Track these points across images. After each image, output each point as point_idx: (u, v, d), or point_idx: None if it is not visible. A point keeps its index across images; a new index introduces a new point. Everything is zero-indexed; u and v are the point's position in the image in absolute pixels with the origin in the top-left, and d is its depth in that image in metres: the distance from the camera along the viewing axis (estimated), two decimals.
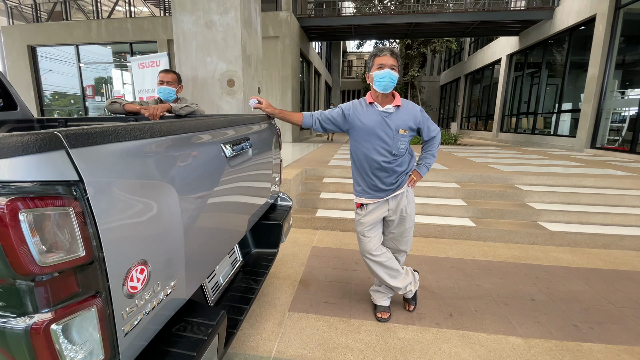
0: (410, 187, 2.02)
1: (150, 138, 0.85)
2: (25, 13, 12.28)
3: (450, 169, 4.81)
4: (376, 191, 1.95)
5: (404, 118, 1.88)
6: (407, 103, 1.94)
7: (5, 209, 0.51)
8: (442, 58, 22.97)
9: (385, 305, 2.15)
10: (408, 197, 2.00)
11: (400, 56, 1.92)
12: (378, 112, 1.86)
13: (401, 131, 1.86)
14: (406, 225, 2.01)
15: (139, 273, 0.79)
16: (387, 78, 1.77)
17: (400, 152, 1.88)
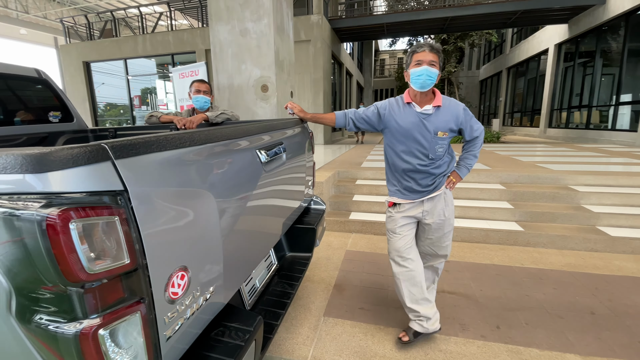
0: (449, 189, 1.90)
1: (190, 147, 0.87)
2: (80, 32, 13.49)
3: (494, 169, 4.52)
4: (411, 192, 1.86)
5: (445, 119, 1.75)
6: (449, 101, 1.80)
7: (57, 219, 0.54)
8: (482, 51, 21.83)
9: None
10: (446, 199, 1.87)
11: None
12: (416, 114, 1.75)
13: (440, 134, 1.74)
14: (445, 230, 1.89)
15: (179, 279, 0.81)
16: (424, 75, 1.65)
17: (438, 155, 1.78)
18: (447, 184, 1.88)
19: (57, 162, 0.56)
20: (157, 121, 2.45)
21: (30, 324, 0.61)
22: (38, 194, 0.56)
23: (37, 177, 0.55)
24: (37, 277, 0.58)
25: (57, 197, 0.56)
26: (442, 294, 2.38)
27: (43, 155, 0.55)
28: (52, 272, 0.56)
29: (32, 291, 0.60)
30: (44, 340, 0.62)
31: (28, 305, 0.61)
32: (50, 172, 0.56)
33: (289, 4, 4.72)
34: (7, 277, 0.59)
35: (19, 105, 2.39)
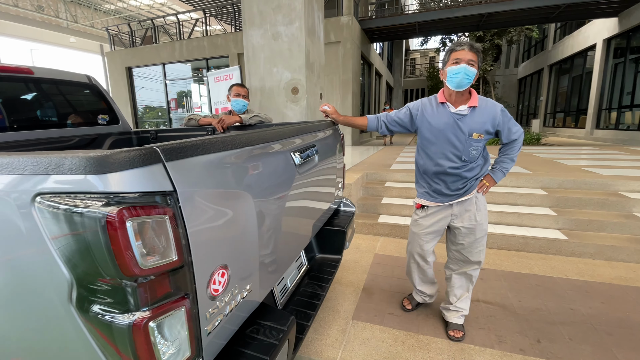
0: (482, 193, 1.84)
1: (231, 149, 0.90)
2: (124, 39, 14.42)
3: (535, 173, 4.27)
4: (439, 195, 1.82)
5: (481, 120, 1.68)
6: (486, 102, 1.72)
7: (116, 217, 0.58)
8: (521, 48, 20.70)
9: (458, 323, 1.98)
10: (478, 204, 1.81)
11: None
12: (450, 114, 1.70)
13: (475, 135, 1.67)
14: (477, 235, 1.82)
15: (220, 276, 0.84)
16: (461, 74, 1.58)
17: (472, 157, 1.71)
18: (479, 188, 1.81)
19: (115, 164, 0.60)
20: (196, 124, 2.57)
21: (88, 313, 0.66)
22: (99, 194, 0.60)
23: (99, 177, 0.60)
24: (96, 270, 0.62)
25: (115, 196, 0.60)
26: (477, 303, 2.29)
27: (104, 157, 0.59)
28: (110, 266, 0.60)
29: (90, 283, 0.64)
30: (99, 329, 0.66)
31: (86, 295, 0.66)
32: (109, 174, 0.60)
33: (320, 6, 4.75)
34: (70, 269, 0.64)
35: (72, 108, 2.59)
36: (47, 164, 0.63)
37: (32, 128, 2.25)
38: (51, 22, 19.31)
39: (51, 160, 0.62)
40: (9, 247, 0.71)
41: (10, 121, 2.15)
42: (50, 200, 0.63)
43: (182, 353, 0.74)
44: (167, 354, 0.70)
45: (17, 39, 19.07)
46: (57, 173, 0.62)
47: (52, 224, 0.63)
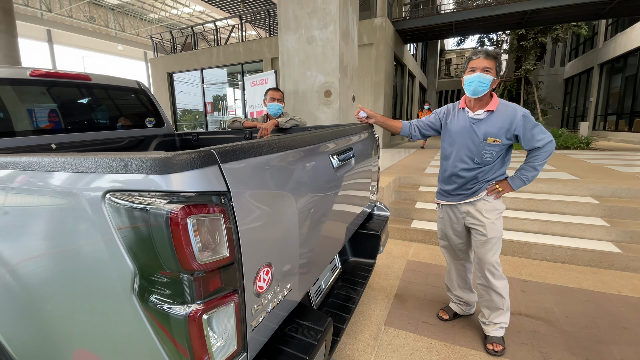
0: (494, 197, 1.81)
1: (277, 152, 0.94)
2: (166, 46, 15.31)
3: (584, 180, 3.97)
4: (450, 195, 1.93)
5: (497, 125, 1.70)
6: (506, 107, 1.72)
7: (178, 214, 0.63)
8: (567, 46, 19.36)
9: (497, 336, 1.89)
10: (486, 206, 1.81)
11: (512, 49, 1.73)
12: (467, 118, 1.79)
13: (490, 140, 1.71)
14: (488, 235, 1.81)
15: (265, 274, 0.87)
16: (475, 82, 1.68)
17: (485, 161, 1.76)
18: (489, 191, 1.81)
19: (178, 165, 0.65)
20: (240, 126, 2.66)
21: (148, 303, 0.71)
22: (162, 192, 0.65)
23: (163, 177, 0.65)
24: (158, 263, 0.67)
25: (177, 195, 0.65)
26: (519, 316, 2.17)
27: (168, 159, 0.64)
28: (171, 259, 0.65)
29: (151, 275, 0.69)
30: (157, 319, 0.71)
31: (147, 286, 0.71)
32: (172, 174, 0.65)
33: (354, 9, 4.76)
34: (134, 261, 0.70)
35: (123, 112, 2.80)
36: (117, 164, 0.69)
37: (88, 130, 2.45)
38: (101, 32, 20.96)
39: (121, 161, 0.68)
40: (79, 239, 0.78)
41: (67, 123, 2.35)
42: (118, 197, 0.69)
43: (230, 346, 0.77)
44: (216, 346, 0.74)
45: (71, 48, 20.89)
46: (126, 172, 0.68)
47: (120, 219, 0.69)
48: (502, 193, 1.82)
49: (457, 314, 2.15)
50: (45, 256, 0.86)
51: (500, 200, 1.86)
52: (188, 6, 19.99)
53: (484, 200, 1.82)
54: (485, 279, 1.86)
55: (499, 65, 1.71)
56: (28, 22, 16.90)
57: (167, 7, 20.22)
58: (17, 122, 2.05)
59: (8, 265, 0.94)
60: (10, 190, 0.91)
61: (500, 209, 1.84)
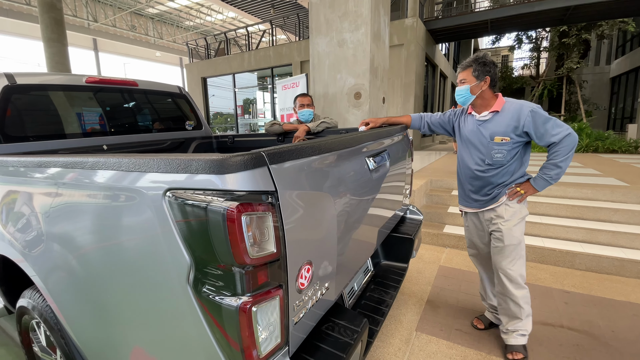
0: (517, 201, 1.74)
1: (318, 154, 0.97)
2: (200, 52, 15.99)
3: (633, 186, 3.68)
4: (470, 200, 1.90)
5: (503, 123, 1.68)
6: (511, 105, 1.70)
7: (234, 211, 0.67)
8: (614, 43, 18.01)
9: (516, 344, 1.82)
10: (507, 211, 1.74)
11: (553, 47, 1.66)
12: (474, 121, 1.82)
13: (497, 139, 1.69)
14: (505, 242, 1.74)
15: (306, 272, 0.90)
16: (457, 96, 1.80)
17: (497, 161, 1.72)
18: (510, 195, 1.73)
19: (233, 166, 0.69)
20: (280, 129, 2.71)
21: (201, 294, 0.77)
22: (219, 191, 0.70)
23: (219, 177, 0.70)
24: (213, 256, 0.72)
25: (232, 194, 0.70)
26: (561, 329, 2.06)
27: (224, 160, 0.69)
28: (227, 253, 0.70)
29: (206, 267, 0.75)
30: (209, 309, 0.76)
31: (201, 278, 0.76)
32: (227, 174, 0.69)
33: (386, 11, 4.74)
34: (190, 254, 0.76)
35: (166, 115, 2.97)
36: (177, 164, 0.75)
37: (134, 132, 2.63)
38: (141, 39, 22.29)
39: (181, 162, 0.74)
40: (141, 232, 0.85)
41: (115, 126, 2.53)
42: (178, 195, 0.75)
43: (274, 339, 0.81)
44: (262, 338, 0.78)
45: (114, 55, 22.37)
46: (186, 172, 0.74)
47: (179, 215, 0.75)
48: (526, 196, 1.74)
49: (492, 323, 2.07)
50: (107, 247, 0.95)
51: (523, 205, 1.77)
52: (221, 13, 20.80)
53: (505, 205, 1.76)
54: (502, 287, 1.80)
55: (477, 69, 1.72)
56: (76, 31, 18.34)
57: (202, 14, 21.14)
58: (70, 125, 2.24)
59: (74, 254, 1.04)
60: (79, 187, 1.01)
61: (522, 214, 1.76)
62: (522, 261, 1.79)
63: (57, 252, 1.09)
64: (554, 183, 1.69)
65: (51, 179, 1.10)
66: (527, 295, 1.79)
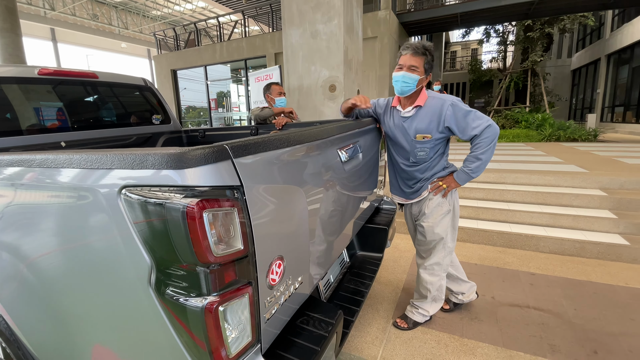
0: (441, 195, 1.75)
1: (287, 147, 0.94)
2: (169, 43, 15.32)
3: (592, 172, 3.93)
4: (398, 190, 1.93)
5: (426, 120, 1.65)
6: (432, 99, 1.65)
7: (195, 208, 0.64)
8: (574, 37, 19.00)
9: (411, 318, 2.02)
10: (429, 206, 1.77)
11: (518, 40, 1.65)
12: (399, 117, 1.76)
13: (419, 137, 1.67)
14: (427, 238, 1.81)
15: (277, 267, 0.88)
16: (400, 82, 1.63)
17: (420, 159, 1.72)
18: (432, 189, 1.75)
19: (192, 160, 0.66)
20: (271, 112, 2.70)
21: (165, 296, 0.73)
22: (178, 187, 0.66)
23: (178, 172, 0.66)
24: (174, 256, 0.68)
25: (192, 189, 0.66)
26: (527, 309, 2.17)
27: (182, 154, 0.65)
28: (188, 252, 0.66)
29: (168, 268, 0.71)
30: (174, 311, 0.73)
31: (164, 279, 0.72)
32: (187, 169, 0.66)
33: (358, 2, 4.72)
34: (150, 254, 0.71)
35: (130, 109, 2.81)
36: (132, 160, 0.70)
37: (95, 128, 2.47)
38: (105, 29, 21.02)
39: (136, 157, 0.69)
40: (96, 233, 0.80)
41: (74, 121, 2.37)
42: (134, 192, 0.70)
43: (245, 338, 0.79)
44: (232, 338, 0.76)
45: (75, 46, 20.97)
46: (142, 168, 0.69)
47: (136, 214, 0.70)
48: (449, 190, 1.74)
49: (456, 303, 2.17)
50: (61, 251, 0.88)
51: (448, 198, 1.77)
52: (191, 2, 19.96)
53: (428, 200, 1.79)
54: (418, 269, 1.94)
55: (429, 62, 1.62)
56: (32, 20, 17.01)
57: (170, 3, 20.20)
58: (25, 121, 2.07)
59: (26, 261, 0.97)
60: (27, 187, 0.93)
61: (445, 209, 1.77)
62: (443, 253, 1.82)
63: (6, 259, 1.00)
64: (475, 177, 1.68)
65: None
66: (439, 283, 1.88)
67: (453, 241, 1.85)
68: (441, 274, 1.87)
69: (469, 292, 2.14)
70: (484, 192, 3.73)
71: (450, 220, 1.81)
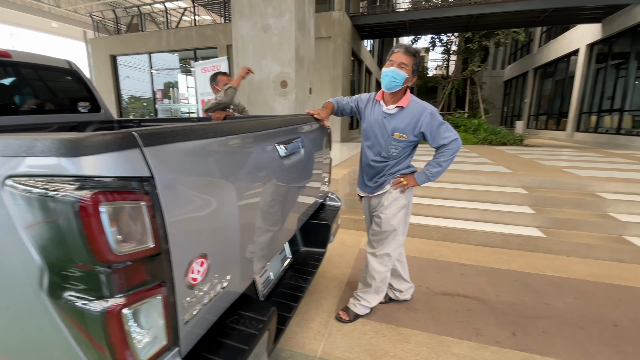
0: (399, 191, 1.89)
1: (214, 138, 0.89)
2: (108, 26, 13.95)
3: (516, 172, 4.38)
4: (363, 186, 2.01)
5: (405, 121, 1.77)
6: (415, 104, 1.78)
7: (89, 202, 0.57)
8: (507, 51, 21.11)
9: (353, 311, 2.09)
10: (388, 199, 1.89)
11: (460, 51, 1.80)
12: (380, 111, 1.84)
13: (396, 135, 1.79)
14: (382, 228, 1.91)
15: (199, 266, 0.83)
16: (389, 76, 1.71)
17: (391, 155, 1.84)
18: (393, 184, 1.88)
19: (90, 147, 0.59)
20: (234, 91, 2.61)
21: (60, 300, 0.65)
22: (71, 177, 0.59)
23: (72, 160, 0.58)
24: (68, 255, 0.61)
25: (89, 180, 0.59)
26: (457, 297, 2.35)
27: (77, 140, 0.58)
28: (83, 251, 0.59)
29: (63, 269, 0.63)
30: (71, 316, 0.65)
31: (59, 282, 0.64)
32: (83, 157, 0.58)
33: (310, 0, 4.71)
34: (41, 254, 0.63)
35: (51, 94, 2.50)
36: (18, 146, 0.61)
37: (8, 114, 2.16)
38: (32, 6, 18.47)
39: (23, 143, 0.60)
40: None
41: None
42: (21, 183, 0.61)
43: (158, 341, 0.73)
44: (143, 342, 0.70)
45: None
46: (29, 155, 0.60)
47: (23, 208, 0.61)
48: (407, 187, 1.88)
49: (391, 298, 2.27)
50: None
51: (405, 194, 1.90)
52: None
53: (389, 193, 1.89)
54: (367, 259, 2.03)
55: (417, 63, 1.74)
56: None
57: None
58: None
59: None
60: None
61: (401, 203, 1.89)
62: (394, 244, 1.94)
63: None
64: (433, 180, 1.84)
65: None
66: (385, 274, 1.99)
67: (404, 235, 1.97)
68: (389, 266, 1.98)
69: (406, 292, 2.25)
70: (423, 189, 3.96)
71: (404, 215, 1.93)
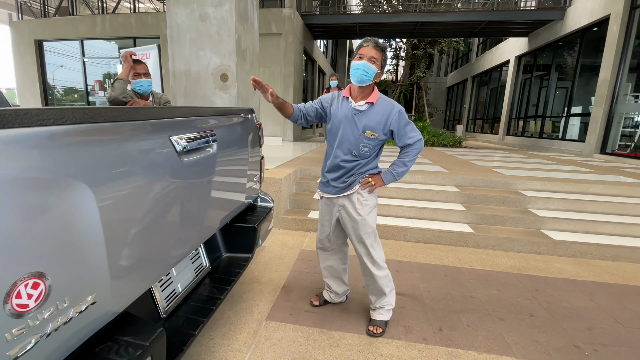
0: (367, 191, 1.86)
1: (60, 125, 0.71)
2: (34, 8, 12.32)
3: (451, 172, 4.62)
4: (328, 186, 1.92)
5: (376, 119, 1.74)
6: (384, 101, 1.77)
7: None
8: (450, 59, 22.66)
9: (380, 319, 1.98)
10: (360, 199, 1.86)
11: (407, 57, 1.79)
12: (350, 108, 1.77)
13: (368, 133, 1.74)
14: (360, 230, 1.86)
15: (30, 288, 0.65)
16: (360, 70, 1.64)
17: (362, 154, 1.80)
18: (362, 184, 1.85)
19: None
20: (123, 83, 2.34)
21: None
22: None
23: None
24: None
25: None
26: None
27: None
28: None
29: None
30: None
31: None
32: None
33: None
34: None
35: None
36: None
37: None
38: None
39: None
40: None
41: None
42: None
43: None
44: None
45: None
46: None
47: None
48: (375, 187, 1.86)
49: (326, 300, 2.21)
50: None
51: (373, 194, 1.90)
52: None
53: (358, 193, 1.84)
54: (367, 270, 1.92)
55: (385, 59, 1.73)
56: None
57: None
58: None
59: None
60: None
61: (372, 203, 1.88)
62: (379, 245, 1.92)
63: None
64: (398, 180, 1.86)
65: None
66: (389, 274, 1.95)
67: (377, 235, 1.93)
68: (385, 265, 1.94)
69: (342, 296, 2.20)
70: None
71: (375, 215, 1.90)
